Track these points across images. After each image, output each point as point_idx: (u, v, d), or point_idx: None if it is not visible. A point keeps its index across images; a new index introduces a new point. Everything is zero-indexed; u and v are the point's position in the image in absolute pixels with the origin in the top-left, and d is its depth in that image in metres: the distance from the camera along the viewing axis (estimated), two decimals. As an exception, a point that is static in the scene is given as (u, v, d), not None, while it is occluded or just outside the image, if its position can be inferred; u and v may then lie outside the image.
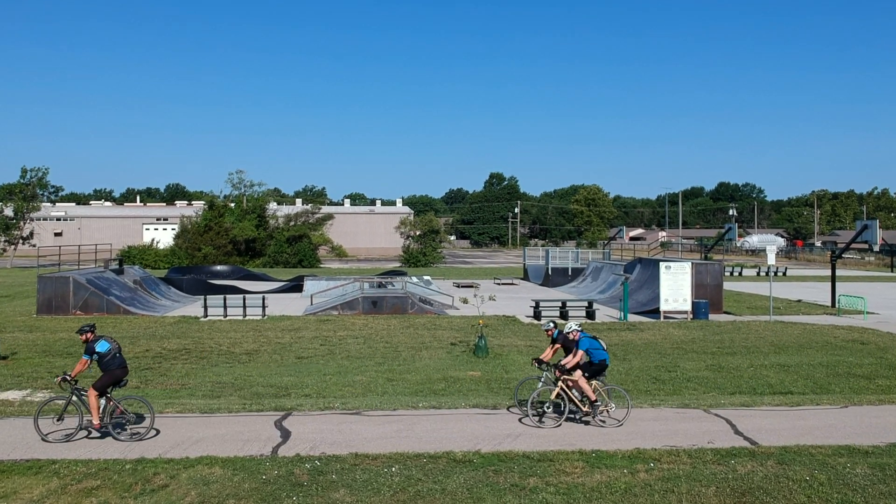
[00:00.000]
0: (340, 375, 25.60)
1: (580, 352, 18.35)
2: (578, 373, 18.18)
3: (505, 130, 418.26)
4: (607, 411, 18.53)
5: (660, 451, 15.86)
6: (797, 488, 13.73)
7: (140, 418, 17.72)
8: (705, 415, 19.32)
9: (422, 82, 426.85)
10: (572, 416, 18.61)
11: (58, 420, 17.20)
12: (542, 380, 18.86)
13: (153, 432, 17.06)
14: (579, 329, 18.76)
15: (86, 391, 16.96)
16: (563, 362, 18.39)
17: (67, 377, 16.87)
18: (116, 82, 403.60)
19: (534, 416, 18.29)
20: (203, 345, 32.34)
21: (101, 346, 16.90)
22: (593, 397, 18.12)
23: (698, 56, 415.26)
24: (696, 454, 15.66)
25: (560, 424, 18.03)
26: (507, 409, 19.74)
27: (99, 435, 16.81)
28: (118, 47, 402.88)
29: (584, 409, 18.23)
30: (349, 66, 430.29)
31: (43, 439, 16.52)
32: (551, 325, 19.53)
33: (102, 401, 16.84)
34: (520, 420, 18.43)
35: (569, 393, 18.23)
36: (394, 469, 14.64)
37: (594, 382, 18.45)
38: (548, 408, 18.37)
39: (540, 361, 18.93)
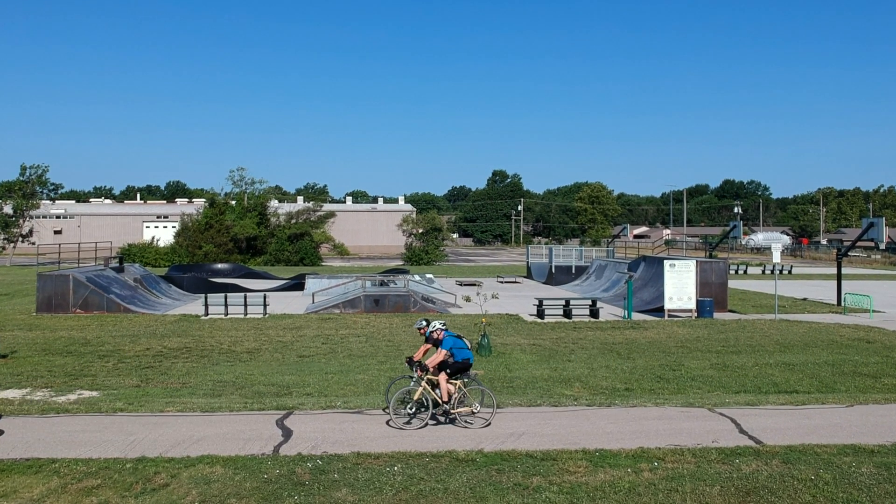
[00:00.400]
0: (342, 374, 25.61)
1: (443, 351, 18.08)
2: (442, 372, 18.08)
3: (508, 127, 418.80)
4: (472, 411, 18.26)
5: (664, 450, 15.86)
6: (802, 488, 13.73)
7: None
8: (710, 414, 19.32)
9: (424, 79, 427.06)
10: (437, 416, 18.38)
11: None
12: (414, 379, 18.68)
13: None
14: (443, 328, 18.47)
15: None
16: (426, 361, 18.29)
17: None
18: (116, 79, 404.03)
19: (397, 416, 18.05)
20: (204, 343, 32.37)
21: None
22: (445, 398, 17.87)
23: (704, 52, 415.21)
24: (701, 453, 15.65)
25: (426, 425, 17.80)
26: (383, 409, 19.37)
27: None
28: (118, 43, 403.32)
29: (448, 408, 17.99)
30: (351, 62, 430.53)
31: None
32: (423, 322, 19.14)
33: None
34: (387, 422, 18.04)
35: (432, 393, 17.99)
36: (396, 468, 14.64)
37: (457, 382, 18.21)
38: (410, 408, 18.06)
39: (411, 360, 18.66)
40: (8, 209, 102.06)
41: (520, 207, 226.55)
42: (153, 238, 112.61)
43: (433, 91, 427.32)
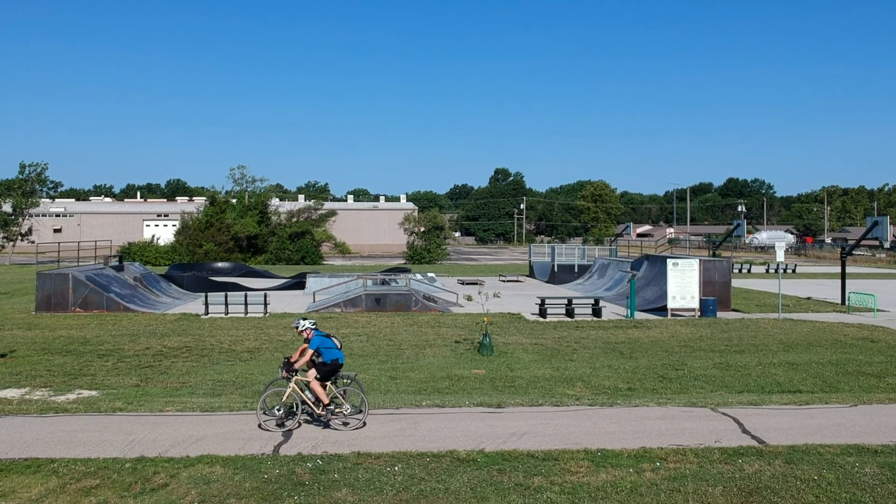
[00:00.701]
0: (343, 373, 25.62)
1: (309, 351, 17.85)
2: (312, 372, 17.80)
3: (510, 125, 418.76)
4: (343, 412, 17.99)
5: (666, 450, 15.85)
6: (805, 488, 13.73)
7: None
8: (713, 413, 19.31)
9: (426, 76, 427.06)
10: (309, 418, 18.20)
11: None
12: (283, 380, 18.32)
13: None
14: (312, 327, 18.17)
15: None
16: (291, 360, 18.07)
17: None
18: (117, 76, 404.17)
19: (268, 418, 17.82)
20: (204, 342, 32.39)
21: None
22: (325, 400, 17.66)
23: (707, 50, 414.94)
24: (703, 453, 15.64)
25: (300, 426, 17.66)
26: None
27: None
28: (119, 41, 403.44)
29: (318, 410, 17.77)
30: (352, 60, 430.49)
31: None
32: (300, 322, 19.09)
33: None
34: (258, 425, 17.66)
35: (301, 394, 17.79)
36: (396, 468, 14.65)
37: (328, 383, 18.00)
38: (278, 410, 17.78)
39: (287, 361, 18.32)
40: (7, 207, 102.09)
41: (522, 206, 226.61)
42: (153, 236, 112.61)
43: (435, 88, 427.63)
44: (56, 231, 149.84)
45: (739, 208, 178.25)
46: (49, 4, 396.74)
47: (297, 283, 60.71)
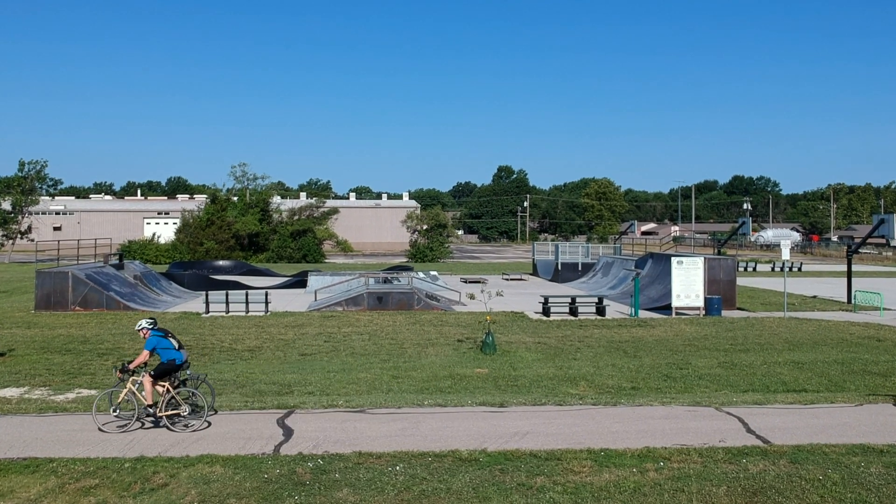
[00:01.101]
0: (344, 373, 25.65)
1: (145, 351, 17.76)
2: (146, 373, 17.67)
3: (514, 122, 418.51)
4: (181, 413, 17.74)
5: (670, 449, 15.86)
6: (810, 488, 13.73)
7: None
8: (717, 413, 19.32)
9: (429, 73, 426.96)
10: (145, 418, 17.93)
11: None
12: (121, 381, 18.05)
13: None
14: (150, 327, 18.03)
15: None
16: (127, 363, 17.90)
17: None
18: (117, 73, 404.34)
19: (104, 420, 17.64)
20: (205, 341, 32.41)
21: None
22: (149, 400, 17.41)
23: (712, 47, 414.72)
24: (707, 453, 15.65)
25: (141, 427, 17.55)
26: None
27: None
28: (119, 38, 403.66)
29: (154, 412, 17.55)
30: (354, 57, 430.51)
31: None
32: (140, 322, 18.55)
33: None
34: (99, 428, 17.41)
35: (137, 395, 17.70)
36: (398, 468, 14.66)
37: (165, 384, 17.76)
38: (114, 411, 17.67)
39: (124, 364, 18.00)
40: (6, 205, 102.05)
41: (526, 204, 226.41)
42: (154, 235, 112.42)
43: (438, 85, 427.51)
44: (56, 229, 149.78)
45: (745, 206, 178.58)
46: (48, 1, 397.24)
47: (299, 282, 60.68)
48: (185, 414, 17.76)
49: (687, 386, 23.81)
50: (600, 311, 42.14)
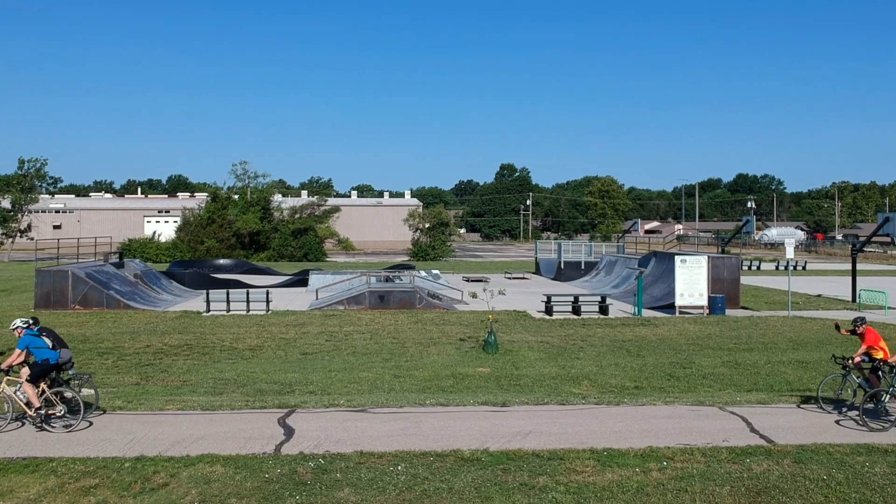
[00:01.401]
0: (346, 372, 25.67)
1: (17, 351, 17.55)
2: (24, 372, 17.48)
3: (516, 120, 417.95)
4: (56, 414, 17.49)
5: (673, 449, 15.86)
6: (814, 488, 13.73)
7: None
8: (720, 412, 19.32)
9: (430, 71, 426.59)
10: (27, 420, 17.67)
11: None
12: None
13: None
14: (24, 326, 17.77)
15: None
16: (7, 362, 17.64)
17: None
18: (117, 70, 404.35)
19: None
20: (205, 340, 32.43)
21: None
22: (36, 403, 17.20)
23: (715, 43, 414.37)
24: (711, 453, 15.65)
25: (18, 427, 17.40)
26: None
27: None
28: (119, 35, 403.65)
29: (30, 412, 17.31)
30: (356, 54, 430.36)
31: None
32: (15, 321, 18.29)
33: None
34: None
35: (14, 396, 17.44)
36: (400, 468, 14.67)
37: (41, 384, 17.56)
38: None
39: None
40: (6, 203, 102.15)
41: (528, 202, 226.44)
42: (154, 233, 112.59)
43: (439, 83, 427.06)
44: (55, 227, 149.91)
45: (749, 204, 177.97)
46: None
47: (300, 281, 60.72)
48: (61, 414, 17.54)
49: (690, 385, 23.81)
50: (603, 310, 42.16)
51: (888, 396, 18.25)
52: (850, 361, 19.76)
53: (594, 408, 19.92)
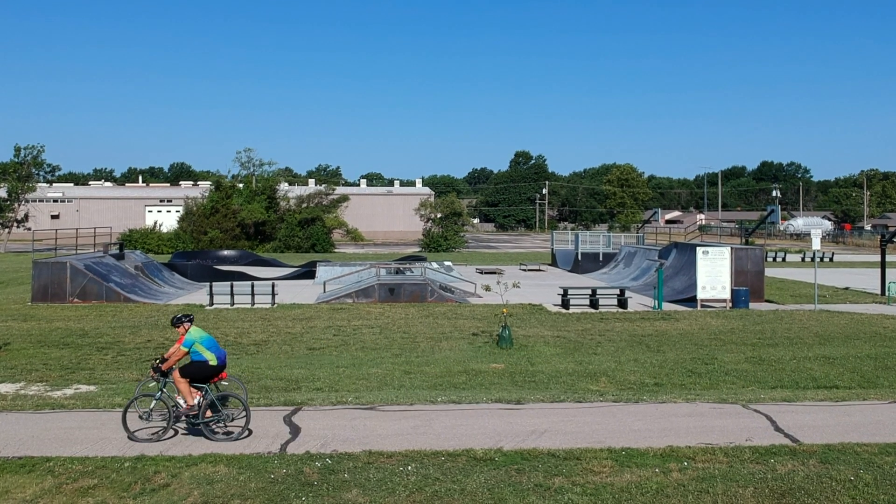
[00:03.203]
0: (354, 368, 25.68)
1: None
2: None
3: (532, 106, 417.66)
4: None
5: (694, 448, 15.83)
6: (841, 489, 13.69)
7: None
8: (744, 410, 19.28)
9: (443, 55, 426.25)
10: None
11: None
12: None
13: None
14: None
15: None
16: None
17: None
18: (117, 54, 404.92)
19: None
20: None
21: None
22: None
23: (739, 26, 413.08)
24: (734, 452, 15.62)
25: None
26: None
27: None
28: (119, 18, 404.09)
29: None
30: (365, 38, 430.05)
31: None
32: None
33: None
34: None
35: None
36: (410, 468, 14.67)
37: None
38: None
39: None
40: (2, 193, 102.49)
41: (544, 191, 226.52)
42: (156, 223, 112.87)
43: (452, 66, 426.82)
44: (53, 217, 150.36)
45: (774, 193, 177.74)
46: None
47: (307, 273, 60.78)
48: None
49: (712, 382, 23.76)
50: (622, 303, 42.12)
51: None
52: None
53: (612, 405, 19.90)
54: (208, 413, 16.77)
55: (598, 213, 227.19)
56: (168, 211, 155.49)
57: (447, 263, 63.62)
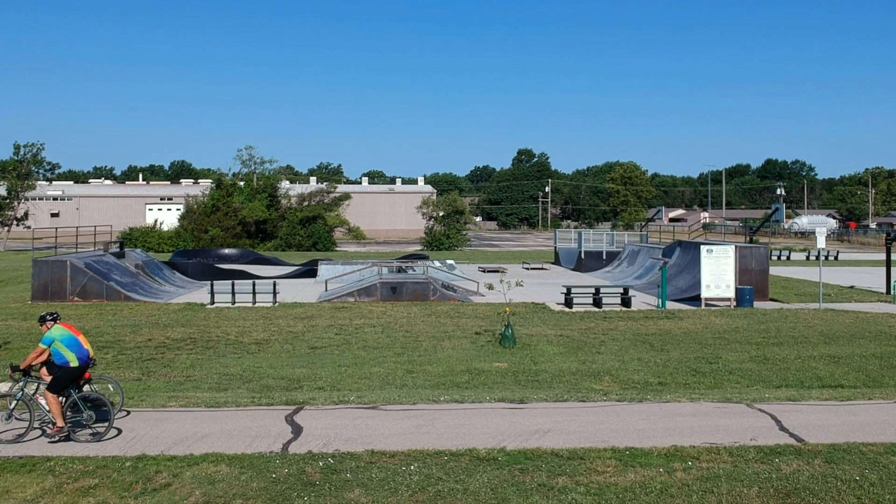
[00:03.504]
0: (356, 367, 25.69)
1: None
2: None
3: (535, 103, 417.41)
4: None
5: (699, 448, 15.84)
6: (846, 489, 13.69)
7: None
8: (748, 410, 19.29)
9: (444, 52, 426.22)
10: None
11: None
12: None
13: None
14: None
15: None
16: None
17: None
18: (118, 52, 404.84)
19: None
20: (209, 334, 32.49)
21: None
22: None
23: (743, 22, 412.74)
24: (738, 452, 15.62)
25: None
26: None
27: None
28: (120, 14, 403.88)
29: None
30: (366, 35, 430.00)
31: None
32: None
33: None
34: None
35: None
36: (412, 467, 14.68)
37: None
38: None
39: None
40: (1, 190, 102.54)
41: (547, 189, 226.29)
42: (156, 221, 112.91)
43: (454, 65, 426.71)
44: (53, 215, 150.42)
45: (778, 191, 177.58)
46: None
47: (309, 271, 60.78)
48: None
49: (717, 381, 23.76)
50: (626, 302, 42.11)
51: None
52: None
53: (616, 405, 19.91)
54: (68, 413, 16.63)
55: (602, 212, 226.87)
56: (168, 209, 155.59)
57: (449, 262, 63.58)
